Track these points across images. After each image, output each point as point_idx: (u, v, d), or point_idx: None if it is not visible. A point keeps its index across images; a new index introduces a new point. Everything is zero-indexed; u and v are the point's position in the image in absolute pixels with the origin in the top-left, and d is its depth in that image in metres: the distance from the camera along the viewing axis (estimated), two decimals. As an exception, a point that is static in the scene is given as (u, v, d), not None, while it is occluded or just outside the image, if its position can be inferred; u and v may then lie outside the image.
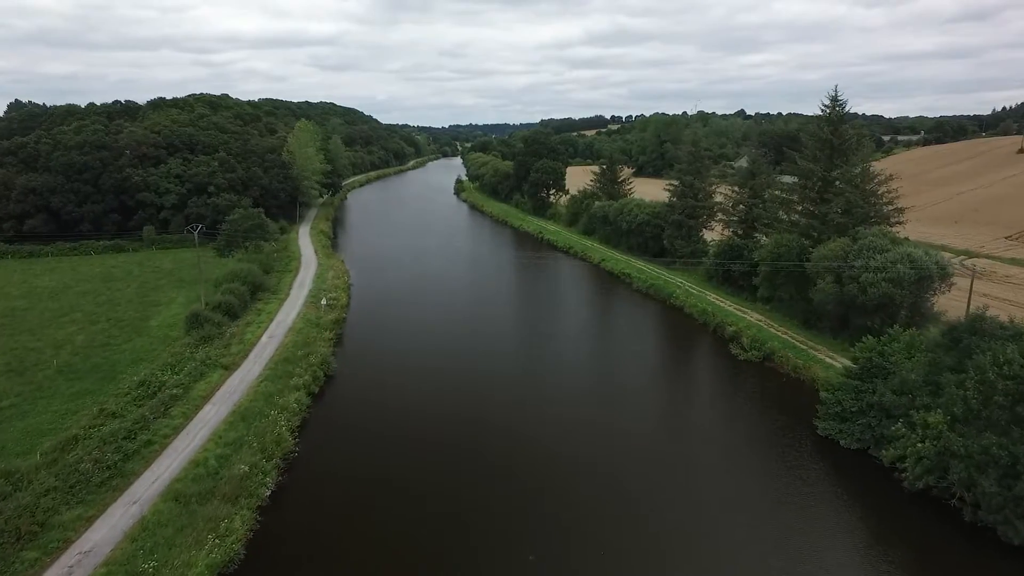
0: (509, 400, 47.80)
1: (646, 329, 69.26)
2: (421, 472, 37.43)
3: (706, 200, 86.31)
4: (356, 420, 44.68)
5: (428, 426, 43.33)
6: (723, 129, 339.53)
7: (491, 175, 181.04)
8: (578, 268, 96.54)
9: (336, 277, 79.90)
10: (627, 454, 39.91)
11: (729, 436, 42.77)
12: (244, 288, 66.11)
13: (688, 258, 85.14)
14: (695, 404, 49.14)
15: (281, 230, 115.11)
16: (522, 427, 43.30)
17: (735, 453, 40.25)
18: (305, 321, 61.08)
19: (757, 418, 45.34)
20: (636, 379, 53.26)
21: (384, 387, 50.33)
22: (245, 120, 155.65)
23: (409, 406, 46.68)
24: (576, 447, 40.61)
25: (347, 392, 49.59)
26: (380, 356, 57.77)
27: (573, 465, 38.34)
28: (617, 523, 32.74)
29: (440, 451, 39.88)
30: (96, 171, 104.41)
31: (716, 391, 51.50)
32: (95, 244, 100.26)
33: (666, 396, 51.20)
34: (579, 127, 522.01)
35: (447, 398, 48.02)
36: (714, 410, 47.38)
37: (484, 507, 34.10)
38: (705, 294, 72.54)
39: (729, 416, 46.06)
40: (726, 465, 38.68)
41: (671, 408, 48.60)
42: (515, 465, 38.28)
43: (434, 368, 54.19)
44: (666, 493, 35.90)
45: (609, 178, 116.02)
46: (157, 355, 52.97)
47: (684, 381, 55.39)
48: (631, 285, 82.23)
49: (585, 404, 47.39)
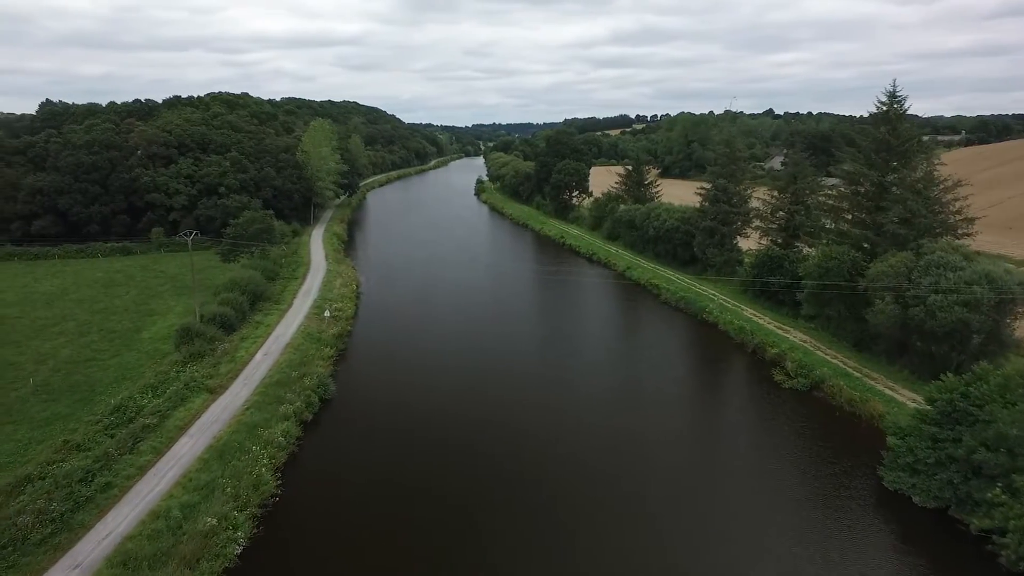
0: (527, 431, 42.40)
1: (676, 348, 63.23)
2: (424, 525, 32.25)
3: (741, 205, 79.93)
4: (351, 456, 39.61)
5: (434, 465, 38.12)
6: (752, 129, 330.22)
7: (512, 176, 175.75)
8: (601, 277, 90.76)
9: (344, 285, 75.33)
10: (659, 503, 34.31)
11: (774, 481, 36.80)
12: (243, 298, 61.73)
13: (721, 268, 78.95)
14: (733, 441, 43.10)
15: (293, 233, 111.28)
16: (542, 465, 37.92)
17: (782, 502, 34.36)
18: (305, 336, 56.44)
19: (807, 460, 39.27)
20: (664, 407, 47.41)
21: (386, 415, 45.20)
22: (262, 119, 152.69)
23: (413, 438, 41.57)
24: (601, 487, 35.16)
25: (344, 420, 44.61)
26: (384, 377, 52.67)
27: (601, 510, 32.89)
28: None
29: (447, 497, 34.58)
30: (105, 171, 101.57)
31: (757, 426, 45.36)
32: (102, 246, 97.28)
33: (699, 428, 45.26)
34: (603, 126, 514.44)
35: (456, 429, 42.80)
36: (756, 449, 41.37)
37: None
38: (741, 309, 66.35)
39: (773, 456, 40.06)
40: (771, 517, 32.84)
41: (704, 443, 42.68)
42: (539, 512, 32.94)
43: (443, 391, 49.01)
44: (701, 541, 30.38)
45: (635, 180, 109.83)
46: (142, 373, 48.72)
47: (719, 411, 49.30)
48: (659, 297, 76.21)
49: (609, 436, 41.79)
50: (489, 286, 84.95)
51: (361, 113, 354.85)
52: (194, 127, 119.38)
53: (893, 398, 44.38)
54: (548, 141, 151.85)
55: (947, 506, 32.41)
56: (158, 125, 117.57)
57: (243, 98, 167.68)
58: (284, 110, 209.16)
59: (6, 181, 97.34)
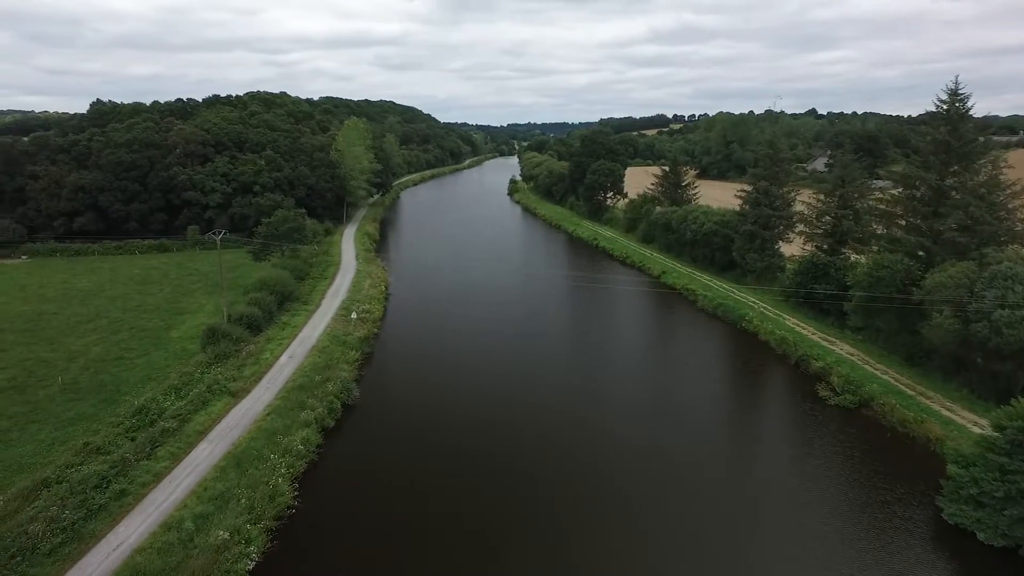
0: (557, 445, 40.54)
1: (713, 358, 60.45)
2: (447, 543, 30.72)
3: (784, 209, 76.38)
4: (372, 466, 38.34)
5: (458, 478, 36.58)
6: (794, 129, 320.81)
7: (545, 176, 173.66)
8: (635, 281, 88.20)
9: (373, 286, 74.55)
10: (693, 531, 32.05)
11: (820, 509, 34.09)
12: (271, 298, 61.32)
13: (761, 274, 75.63)
14: (774, 462, 40.35)
15: (325, 231, 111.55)
16: (571, 484, 36.03)
17: (828, 533, 31.69)
18: (331, 338, 55.61)
19: (856, 486, 36.41)
20: (700, 423, 44.89)
21: (410, 422, 43.93)
22: (298, 118, 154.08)
23: (438, 449, 40.13)
24: (632, 510, 33.08)
25: (366, 428, 43.46)
26: (410, 382, 51.42)
27: (630, 538, 30.83)
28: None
29: (470, 516, 33.00)
30: (144, 169, 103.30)
31: (800, 446, 42.41)
32: (139, 244, 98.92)
33: (737, 447, 42.64)
34: (640, 126, 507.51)
35: (481, 439, 41.20)
36: (799, 473, 38.57)
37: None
38: (783, 318, 63.15)
39: (818, 480, 37.25)
40: (816, 549, 30.26)
41: (743, 464, 40.06)
42: (568, 537, 31.09)
43: (469, 400, 47.51)
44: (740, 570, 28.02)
45: (672, 181, 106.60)
46: (168, 373, 48.51)
47: (759, 429, 46.46)
48: (695, 303, 73.34)
49: (641, 453, 39.60)
50: (519, 288, 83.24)
51: (397, 112, 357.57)
52: (231, 126, 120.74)
53: (952, 420, 41.06)
54: (583, 141, 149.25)
55: (1018, 545, 29.38)
56: (196, 124, 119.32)
57: (280, 97, 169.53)
58: (321, 109, 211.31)
59: (51, 179, 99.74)
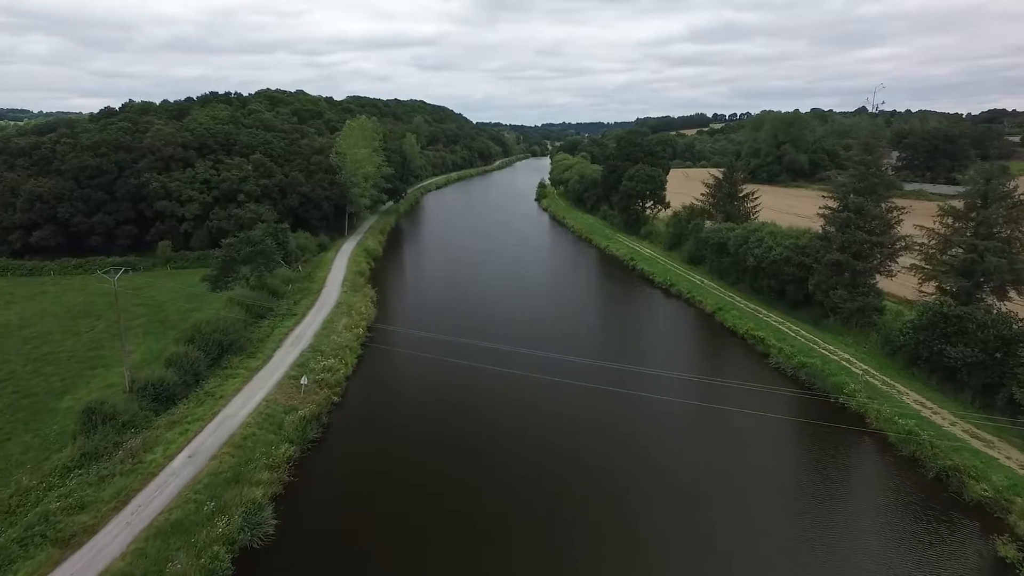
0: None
1: (799, 458, 42.57)
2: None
3: (884, 232, 58.21)
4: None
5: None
6: (847, 129, 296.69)
7: (576, 180, 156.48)
8: (681, 316, 70.77)
9: (349, 327, 58.98)
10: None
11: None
12: (199, 355, 46.06)
13: (851, 317, 57.67)
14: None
15: (319, 247, 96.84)
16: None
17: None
18: (263, 418, 40.07)
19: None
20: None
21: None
22: (303, 117, 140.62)
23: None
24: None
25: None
26: (363, 505, 35.32)
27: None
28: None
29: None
30: (111, 176, 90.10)
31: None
32: (103, 261, 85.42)
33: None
34: (678, 126, 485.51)
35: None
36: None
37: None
38: (894, 389, 45.23)
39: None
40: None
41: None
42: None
43: (465, 543, 31.36)
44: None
45: (726, 191, 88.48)
46: (15, 480, 33.60)
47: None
48: (766, 356, 55.69)
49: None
50: (534, 326, 66.38)
51: (427, 112, 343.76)
52: (220, 126, 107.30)
53: None
54: (619, 142, 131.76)
55: None
56: (182, 124, 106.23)
57: (287, 95, 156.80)
58: (340, 108, 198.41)
59: (5, 186, 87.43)
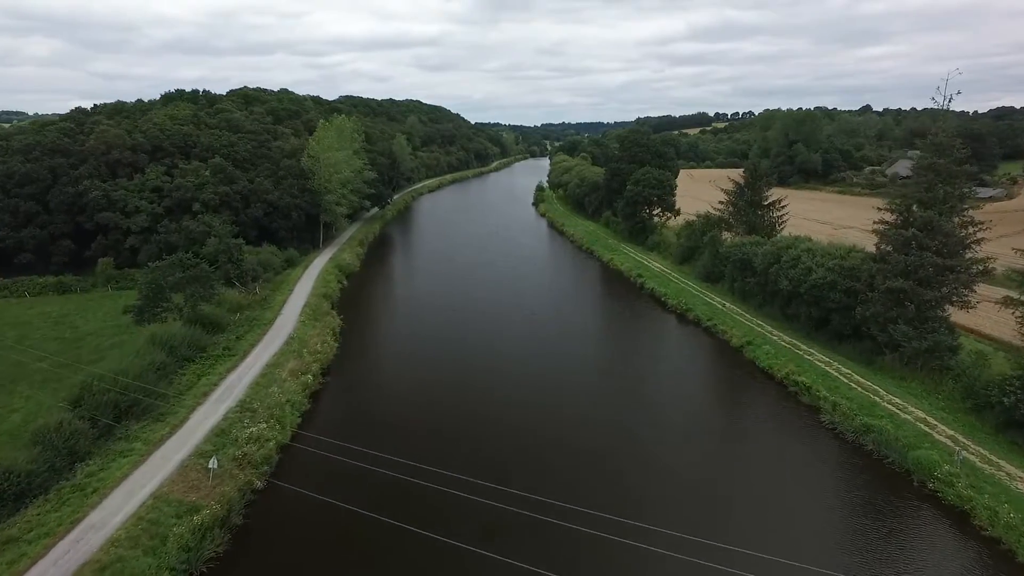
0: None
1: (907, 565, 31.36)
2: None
3: (958, 254, 47.04)
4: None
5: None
6: (854, 127, 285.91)
7: (576, 184, 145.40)
8: (702, 352, 59.58)
9: (296, 374, 47.69)
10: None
11: None
12: (84, 426, 34.87)
13: (916, 359, 46.60)
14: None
15: (287, 262, 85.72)
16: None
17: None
18: (145, 527, 28.86)
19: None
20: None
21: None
22: (279, 116, 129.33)
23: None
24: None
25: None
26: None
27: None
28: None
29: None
30: (44, 184, 79.02)
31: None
32: (34, 282, 74.57)
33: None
34: (679, 125, 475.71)
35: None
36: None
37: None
38: (1004, 472, 34.06)
39: None
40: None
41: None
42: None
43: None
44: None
45: (748, 198, 77.18)
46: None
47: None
48: (819, 412, 44.36)
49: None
50: (523, 366, 55.22)
51: (423, 112, 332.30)
52: (178, 126, 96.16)
53: None
54: (622, 142, 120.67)
55: None
56: (135, 124, 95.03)
57: (264, 93, 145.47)
58: (329, 107, 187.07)
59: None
